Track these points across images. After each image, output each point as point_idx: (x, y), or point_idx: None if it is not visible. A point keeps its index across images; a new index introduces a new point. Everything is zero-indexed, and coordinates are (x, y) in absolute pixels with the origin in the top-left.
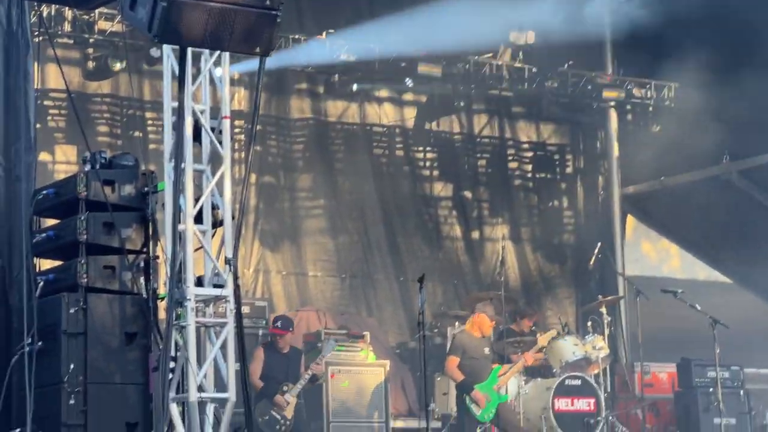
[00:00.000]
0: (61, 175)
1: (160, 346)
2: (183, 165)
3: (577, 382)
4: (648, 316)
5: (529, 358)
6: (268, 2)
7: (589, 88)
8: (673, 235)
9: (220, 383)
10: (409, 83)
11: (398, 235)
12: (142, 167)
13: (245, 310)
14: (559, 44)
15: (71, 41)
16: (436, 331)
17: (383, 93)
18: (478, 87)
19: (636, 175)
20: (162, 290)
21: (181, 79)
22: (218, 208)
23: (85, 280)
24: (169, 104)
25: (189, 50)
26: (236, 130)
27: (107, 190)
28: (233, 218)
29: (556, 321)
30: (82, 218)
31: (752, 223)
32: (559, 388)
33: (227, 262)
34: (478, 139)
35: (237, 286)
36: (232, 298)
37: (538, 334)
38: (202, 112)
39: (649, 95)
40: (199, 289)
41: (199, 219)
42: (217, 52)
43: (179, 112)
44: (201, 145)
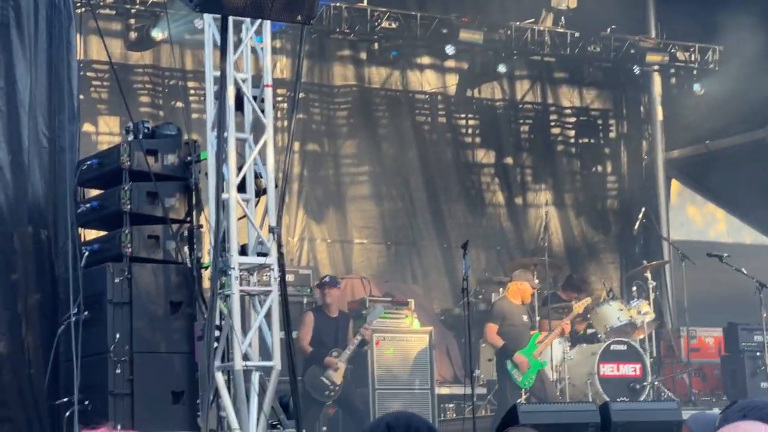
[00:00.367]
0: (104, 146)
1: (205, 315)
2: (226, 134)
3: (623, 347)
4: (694, 281)
5: (566, 326)
6: None
7: (632, 52)
8: (718, 199)
9: (265, 352)
10: (450, 51)
11: (441, 202)
12: (185, 137)
13: (289, 278)
14: (602, 8)
15: (113, 12)
16: (481, 297)
17: (425, 60)
18: (519, 53)
19: (680, 139)
20: (206, 259)
21: (222, 49)
22: (261, 177)
23: (130, 250)
24: (211, 74)
25: (230, 19)
26: (279, 99)
27: (150, 159)
28: (276, 186)
29: (601, 286)
30: (126, 188)
31: None
32: (605, 353)
33: (271, 230)
34: (521, 105)
35: (281, 255)
36: (275, 267)
37: (573, 302)
38: (244, 80)
39: (693, 58)
40: (243, 258)
41: (242, 188)
42: (259, 21)
43: (221, 82)
44: (243, 113)
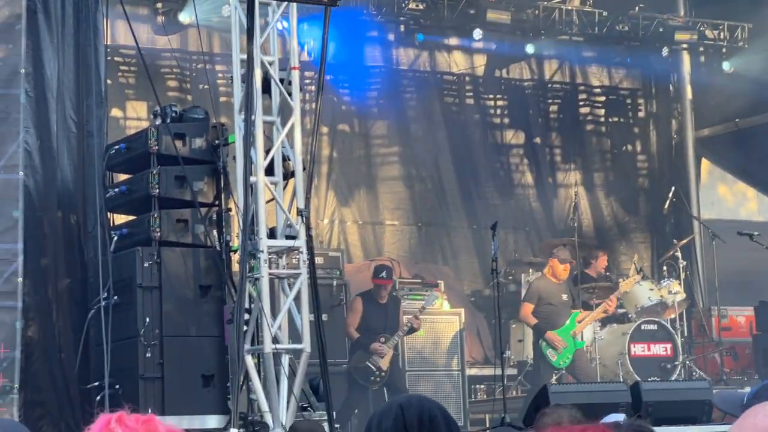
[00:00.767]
0: (132, 132)
1: (234, 299)
2: (253, 117)
3: (653, 327)
4: (724, 260)
5: (611, 304)
6: None
7: (661, 30)
8: (749, 178)
9: (295, 334)
10: (478, 35)
11: (470, 183)
12: (213, 120)
13: (319, 260)
14: None
15: None
16: (510, 278)
17: (453, 41)
18: (547, 33)
19: (710, 118)
20: (235, 242)
21: (249, 32)
22: (289, 160)
23: (159, 234)
24: (238, 57)
25: (257, 2)
26: (307, 81)
27: (178, 143)
28: (304, 169)
29: (631, 266)
30: (154, 172)
31: None
32: (635, 333)
33: (299, 213)
34: (549, 85)
35: (309, 237)
36: (304, 249)
37: (620, 280)
38: (271, 63)
39: (722, 36)
40: (272, 241)
41: (270, 171)
42: (285, 3)
43: (248, 64)
44: (271, 96)
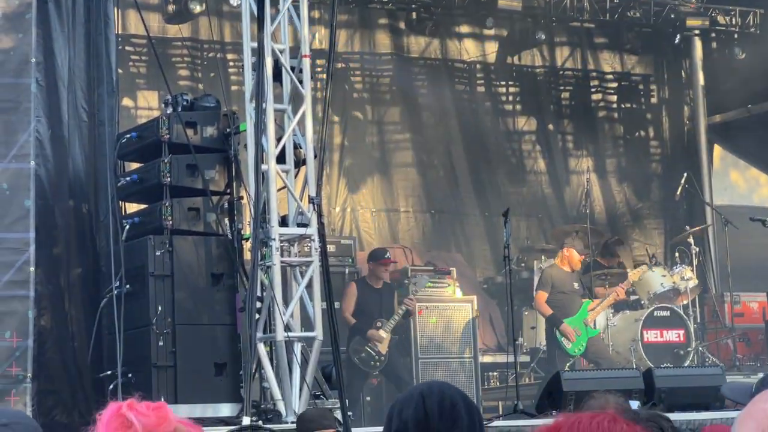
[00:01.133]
0: (143, 121)
1: (246, 287)
2: (264, 105)
3: (666, 313)
4: (737, 246)
5: (620, 292)
6: None
7: (672, 16)
8: (761, 164)
9: (307, 322)
10: (490, 23)
11: (482, 170)
12: (224, 109)
13: (331, 248)
14: None
15: None
16: (523, 265)
17: (464, 29)
18: (559, 19)
19: (722, 104)
20: (246, 231)
21: (260, 20)
22: (300, 148)
23: (170, 223)
24: (249, 45)
25: None
26: (318, 69)
27: (189, 132)
28: (315, 157)
29: (644, 253)
30: (166, 161)
31: None
32: (648, 319)
33: (311, 201)
34: (561, 72)
35: (321, 225)
36: (316, 237)
37: (629, 270)
38: (281, 51)
39: (733, 22)
40: (284, 229)
41: (281, 159)
42: None
43: (259, 53)
44: (282, 84)
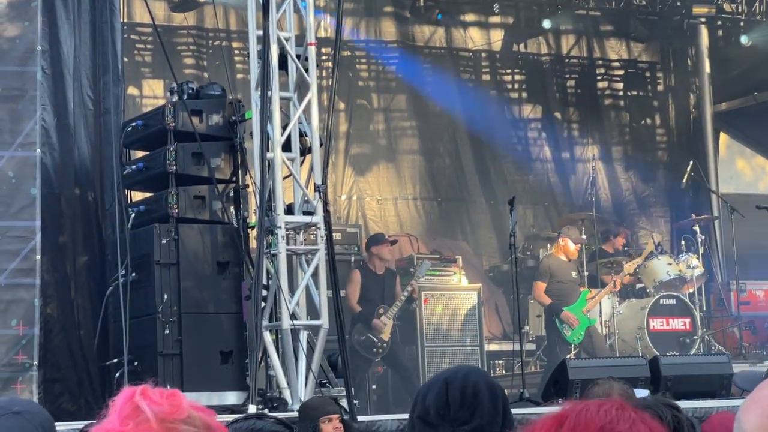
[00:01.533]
0: (149, 109)
1: (252, 275)
2: (270, 93)
3: (672, 301)
4: (743, 234)
5: (617, 282)
6: None
7: (678, 4)
8: None
9: (313, 310)
10: (497, 8)
11: (488, 158)
12: (229, 97)
13: (336, 236)
14: None
15: None
16: (529, 253)
17: (469, 17)
18: (564, 7)
19: (728, 92)
20: (252, 219)
21: (265, 8)
22: (306, 136)
23: (176, 211)
24: (255, 33)
25: None
26: (323, 58)
27: (195, 120)
28: (321, 145)
29: (649, 241)
30: (171, 149)
31: None
32: (654, 307)
33: (316, 189)
34: (567, 60)
35: (327, 213)
36: (322, 225)
37: (624, 262)
38: (287, 39)
39: (739, 10)
40: (289, 217)
41: (287, 147)
42: None
43: (264, 41)
44: (287, 72)
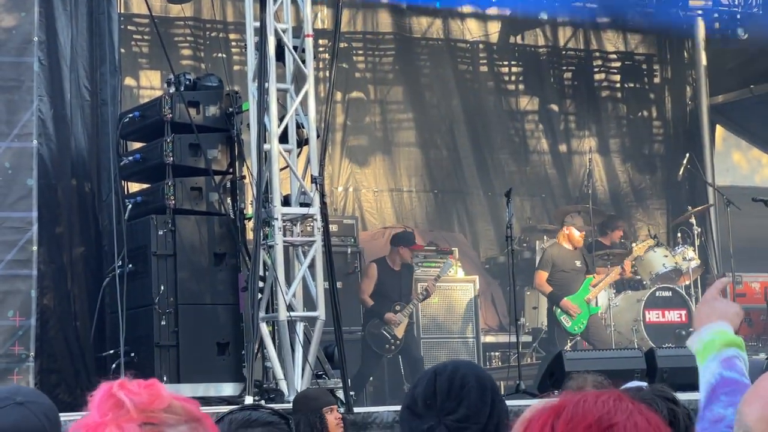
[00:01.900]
0: (146, 100)
1: (249, 266)
2: (267, 84)
3: (668, 293)
4: (739, 226)
5: (628, 267)
6: None
7: None
8: (764, 144)
9: (310, 302)
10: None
11: (485, 150)
12: (226, 88)
13: (333, 228)
14: None
15: None
16: (525, 245)
17: (466, 8)
18: None
19: (724, 84)
20: (249, 210)
21: None
22: (303, 127)
23: (173, 202)
24: (252, 25)
25: None
26: (320, 49)
27: (192, 111)
28: (318, 136)
29: (646, 233)
30: (168, 140)
31: None
32: (650, 300)
33: (313, 180)
34: (564, 52)
35: (324, 204)
36: (319, 216)
37: (633, 244)
38: (284, 31)
39: (736, 2)
40: (286, 209)
41: (284, 138)
42: None
43: (261, 32)
44: (284, 64)
